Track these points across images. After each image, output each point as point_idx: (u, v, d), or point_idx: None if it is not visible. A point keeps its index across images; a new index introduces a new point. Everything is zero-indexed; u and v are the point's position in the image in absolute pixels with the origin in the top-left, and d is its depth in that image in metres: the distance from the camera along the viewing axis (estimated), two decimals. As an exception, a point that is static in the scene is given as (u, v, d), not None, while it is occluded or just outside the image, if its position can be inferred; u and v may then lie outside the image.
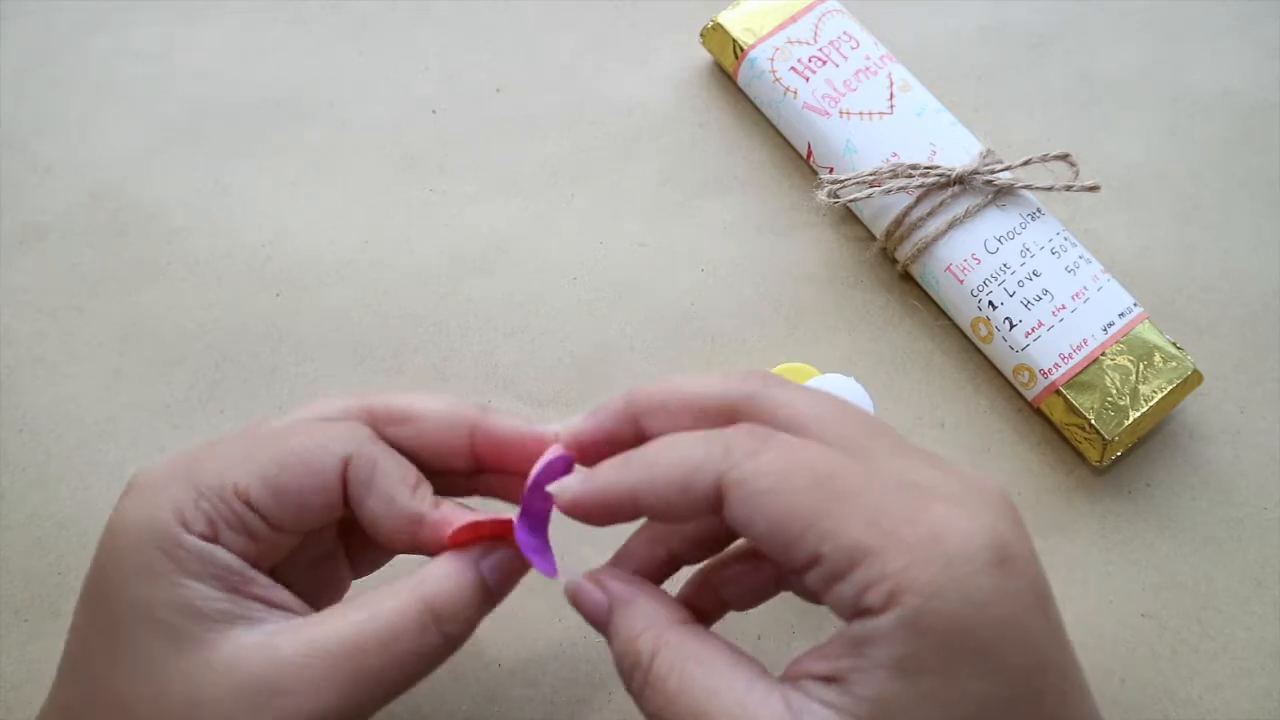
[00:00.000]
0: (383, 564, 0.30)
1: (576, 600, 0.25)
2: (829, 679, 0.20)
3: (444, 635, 0.23)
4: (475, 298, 0.42)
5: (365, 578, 0.30)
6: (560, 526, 0.26)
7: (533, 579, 0.26)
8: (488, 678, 0.35)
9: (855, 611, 0.20)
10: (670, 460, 0.22)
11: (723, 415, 0.23)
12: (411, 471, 0.25)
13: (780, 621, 0.36)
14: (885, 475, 0.21)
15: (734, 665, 0.21)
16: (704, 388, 0.24)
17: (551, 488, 0.24)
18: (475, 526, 0.25)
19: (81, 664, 0.23)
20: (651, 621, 0.23)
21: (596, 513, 0.23)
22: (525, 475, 0.25)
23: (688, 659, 0.22)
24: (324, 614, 0.23)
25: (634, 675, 0.22)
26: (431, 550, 0.25)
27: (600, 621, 0.24)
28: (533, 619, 0.36)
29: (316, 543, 0.27)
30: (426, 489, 0.25)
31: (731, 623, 0.36)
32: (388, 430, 0.26)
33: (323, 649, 0.22)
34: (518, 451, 0.26)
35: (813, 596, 0.22)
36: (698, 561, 0.27)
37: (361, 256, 0.42)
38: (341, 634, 0.22)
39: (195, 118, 0.45)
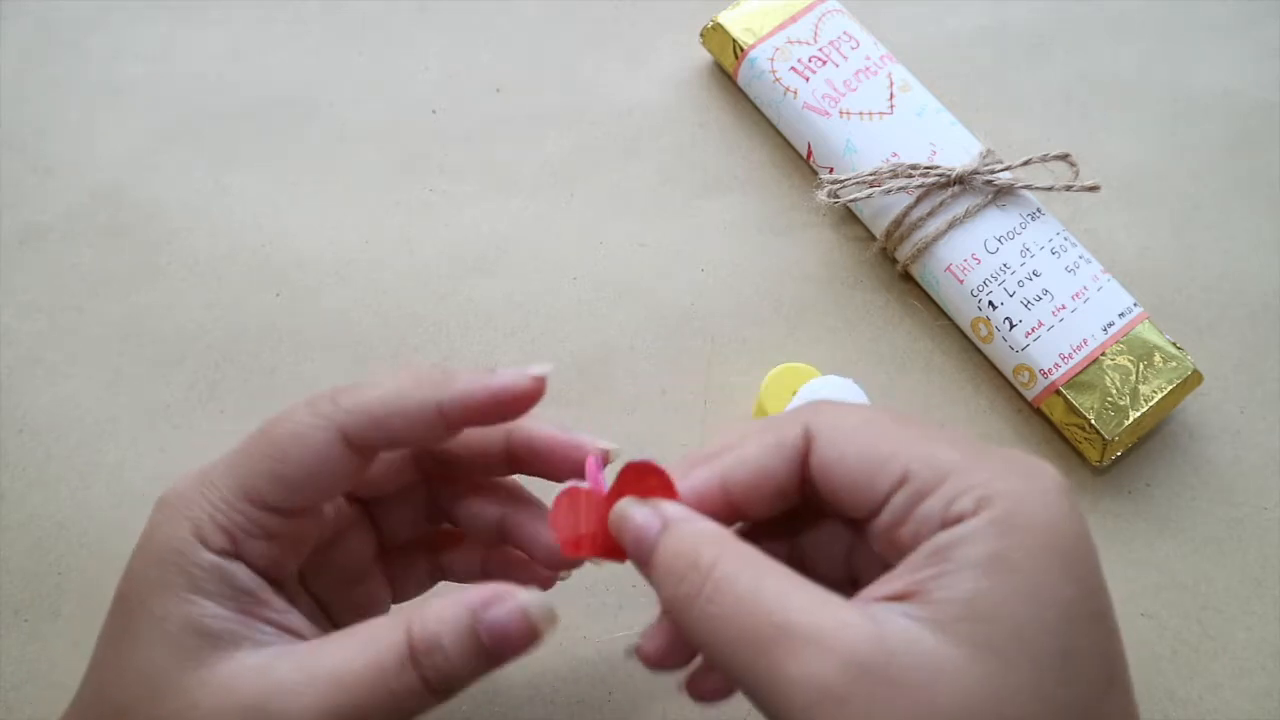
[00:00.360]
0: (427, 588, 0.30)
1: (623, 521, 0.23)
2: (901, 597, 0.20)
3: (423, 679, 0.22)
4: (475, 298, 0.42)
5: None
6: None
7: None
8: (488, 678, 0.35)
9: (942, 523, 0.20)
10: (754, 435, 0.23)
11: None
12: (389, 377, 0.24)
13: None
14: (959, 432, 0.23)
15: (802, 578, 0.20)
16: (762, 454, 0.23)
17: (645, 543, 0.23)
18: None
19: (95, 672, 0.24)
20: (714, 534, 0.22)
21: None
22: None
23: (759, 564, 0.21)
24: (324, 640, 0.23)
25: (688, 578, 0.21)
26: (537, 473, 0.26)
27: (648, 542, 0.22)
28: (533, 619, 0.36)
29: (352, 561, 0.27)
30: (433, 378, 0.24)
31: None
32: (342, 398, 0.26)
33: (313, 676, 0.22)
34: (556, 461, 0.26)
35: (885, 540, 0.22)
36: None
37: (361, 256, 0.42)
38: (333, 663, 0.22)
39: (195, 118, 0.45)
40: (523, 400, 0.24)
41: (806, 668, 0.18)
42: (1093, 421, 0.37)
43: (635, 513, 0.23)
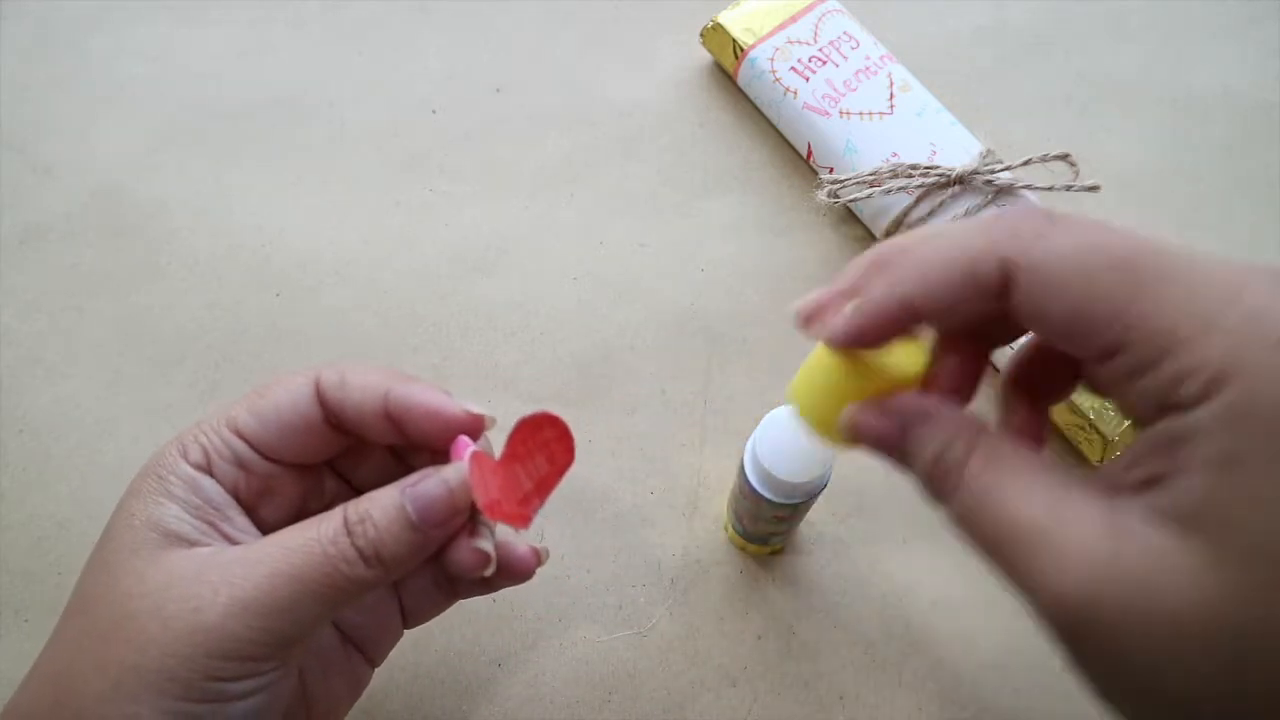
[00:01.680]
0: (437, 614, 0.31)
1: (860, 434, 0.22)
2: (1147, 482, 0.18)
3: (357, 548, 0.24)
4: (475, 298, 0.42)
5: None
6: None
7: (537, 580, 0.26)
8: (488, 678, 0.35)
9: (1166, 407, 0.18)
10: (946, 256, 0.20)
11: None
12: (381, 368, 0.27)
13: (779, 623, 0.36)
14: (1190, 252, 0.18)
15: (1049, 471, 0.20)
16: (946, 261, 0.21)
17: (820, 333, 0.22)
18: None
19: (78, 579, 0.25)
20: (957, 429, 0.21)
21: (872, 337, 0.22)
22: (436, 449, 0.27)
23: (1003, 462, 0.20)
24: (276, 532, 0.25)
25: (946, 479, 0.20)
26: (415, 433, 0.26)
27: (892, 443, 0.22)
28: (533, 619, 0.36)
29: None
30: (401, 373, 0.27)
31: (729, 623, 0.36)
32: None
33: (252, 550, 0.24)
34: (423, 417, 0.26)
35: (1110, 389, 0.20)
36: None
37: (361, 256, 0.42)
38: (273, 540, 0.24)
39: (195, 118, 0.45)
40: (453, 426, 0.26)
41: (1047, 571, 0.18)
42: (1093, 421, 0.37)
43: (867, 423, 0.22)
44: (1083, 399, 0.37)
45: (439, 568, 0.30)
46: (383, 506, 0.24)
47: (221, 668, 0.22)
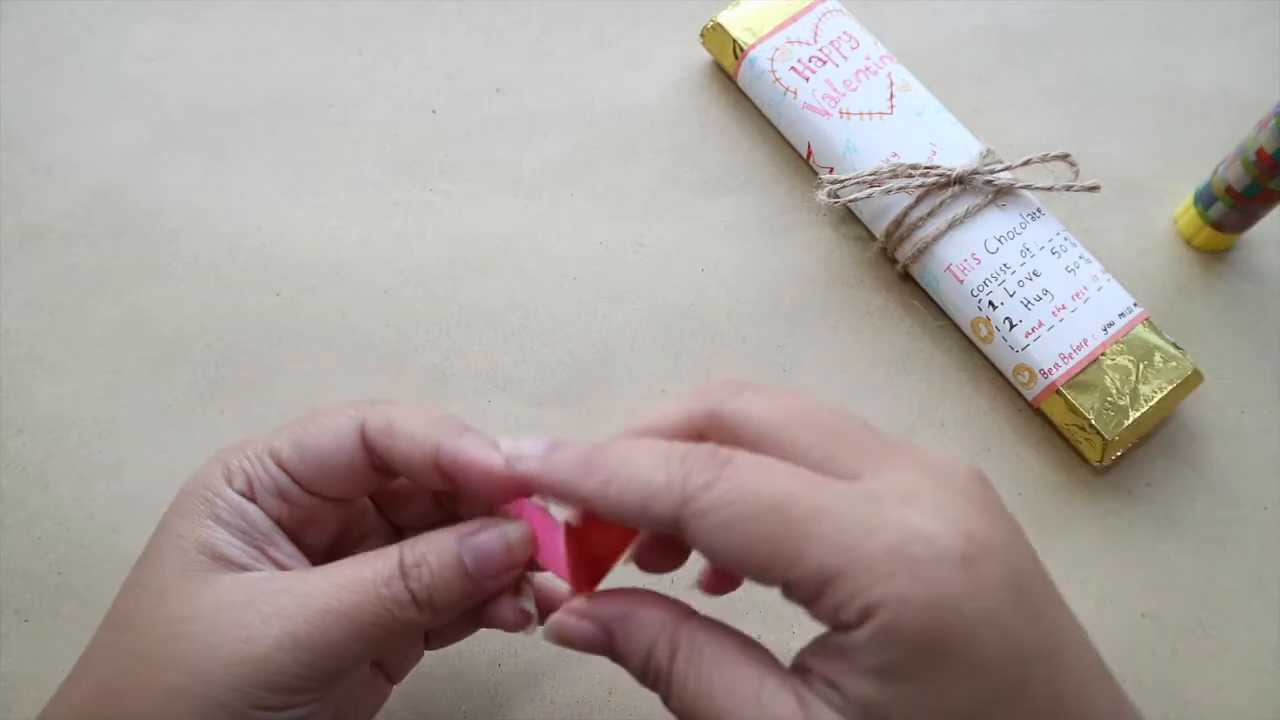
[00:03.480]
0: (461, 638, 0.31)
1: (566, 639, 0.24)
2: (828, 681, 0.21)
3: (410, 592, 0.24)
4: (475, 298, 0.42)
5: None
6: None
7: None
8: (488, 678, 0.35)
9: (834, 625, 0.21)
10: (627, 479, 0.22)
11: (692, 437, 0.24)
12: (428, 413, 0.26)
13: (781, 619, 0.36)
14: (847, 490, 0.21)
15: (747, 659, 0.22)
16: (669, 415, 0.24)
17: (510, 453, 0.24)
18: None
19: (118, 596, 0.26)
20: (660, 625, 0.23)
21: (557, 496, 0.24)
22: (483, 502, 0.26)
23: (703, 659, 0.22)
24: (328, 564, 0.25)
25: (658, 683, 0.23)
26: (465, 486, 0.25)
27: (602, 649, 0.24)
28: (533, 619, 0.36)
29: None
30: (452, 421, 0.26)
31: (728, 622, 0.36)
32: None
33: (304, 581, 0.24)
34: (477, 477, 0.25)
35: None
36: None
37: (361, 256, 0.42)
38: (325, 574, 0.24)
39: (195, 117, 0.45)
40: (507, 490, 0.25)
41: None
42: (1093, 421, 0.37)
43: (577, 630, 0.24)
44: (1083, 399, 0.37)
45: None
46: (439, 553, 0.24)
47: (267, 698, 0.22)
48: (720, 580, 0.28)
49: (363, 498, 0.28)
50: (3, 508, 0.37)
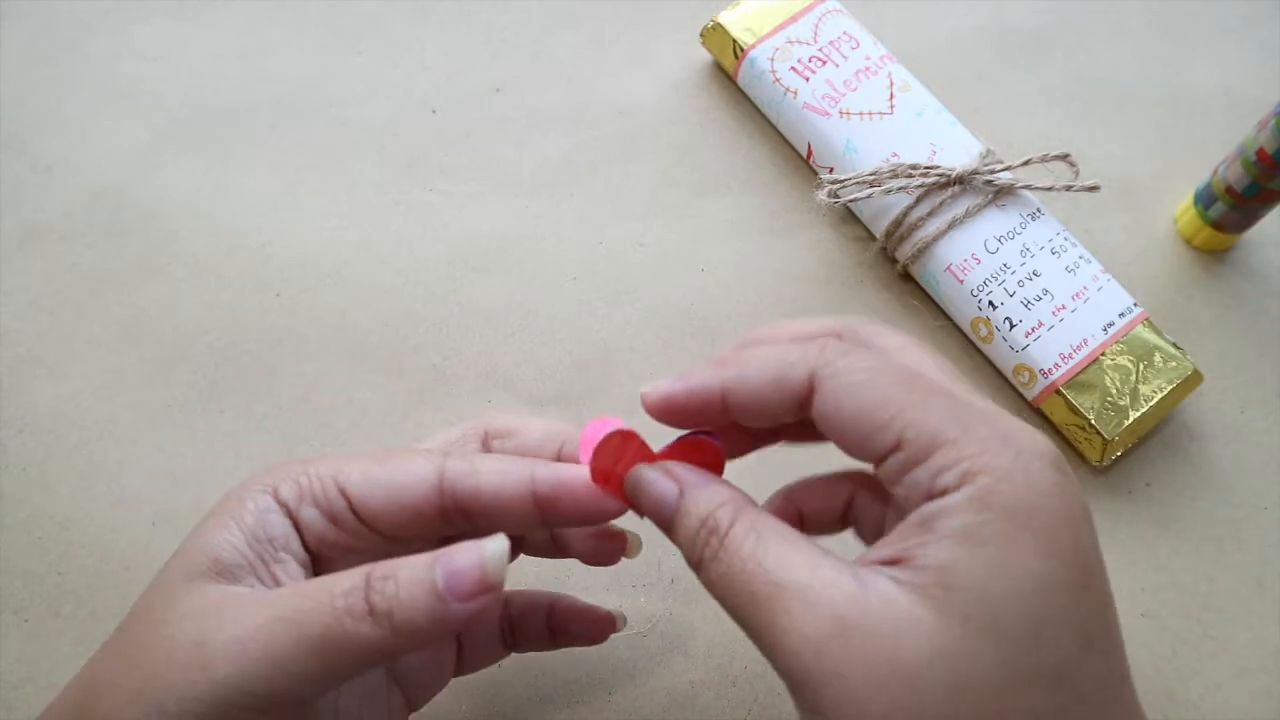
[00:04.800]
0: (490, 664, 0.31)
1: (639, 488, 0.24)
2: (892, 561, 0.21)
3: (369, 604, 0.22)
4: (475, 298, 0.42)
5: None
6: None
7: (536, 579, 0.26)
8: (488, 678, 0.35)
9: (929, 494, 0.21)
10: (764, 358, 0.24)
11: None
12: (511, 458, 0.26)
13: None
14: (963, 390, 0.23)
15: (807, 543, 0.22)
16: (798, 326, 0.25)
17: (643, 389, 0.25)
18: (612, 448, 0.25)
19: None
20: (730, 498, 0.24)
21: (687, 411, 0.25)
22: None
23: (764, 530, 0.22)
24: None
25: (708, 542, 0.23)
26: (562, 514, 0.25)
27: (667, 508, 0.24)
28: (533, 619, 0.36)
29: None
30: (535, 460, 0.26)
31: (729, 623, 0.36)
32: (495, 444, 0.28)
33: (272, 591, 0.23)
34: (577, 497, 0.26)
35: (888, 490, 0.23)
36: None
37: (361, 256, 0.42)
38: (297, 584, 0.24)
39: (195, 117, 0.45)
40: (600, 515, 0.25)
41: (794, 621, 0.21)
42: (1093, 421, 0.37)
43: (652, 478, 0.24)
44: (1083, 399, 0.37)
45: (506, 617, 0.31)
46: (410, 568, 0.23)
47: (207, 715, 0.21)
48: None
49: (416, 542, 0.27)
50: (3, 508, 0.37)
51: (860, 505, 0.27)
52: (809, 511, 0.28)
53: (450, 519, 0.25)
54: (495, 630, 0.31)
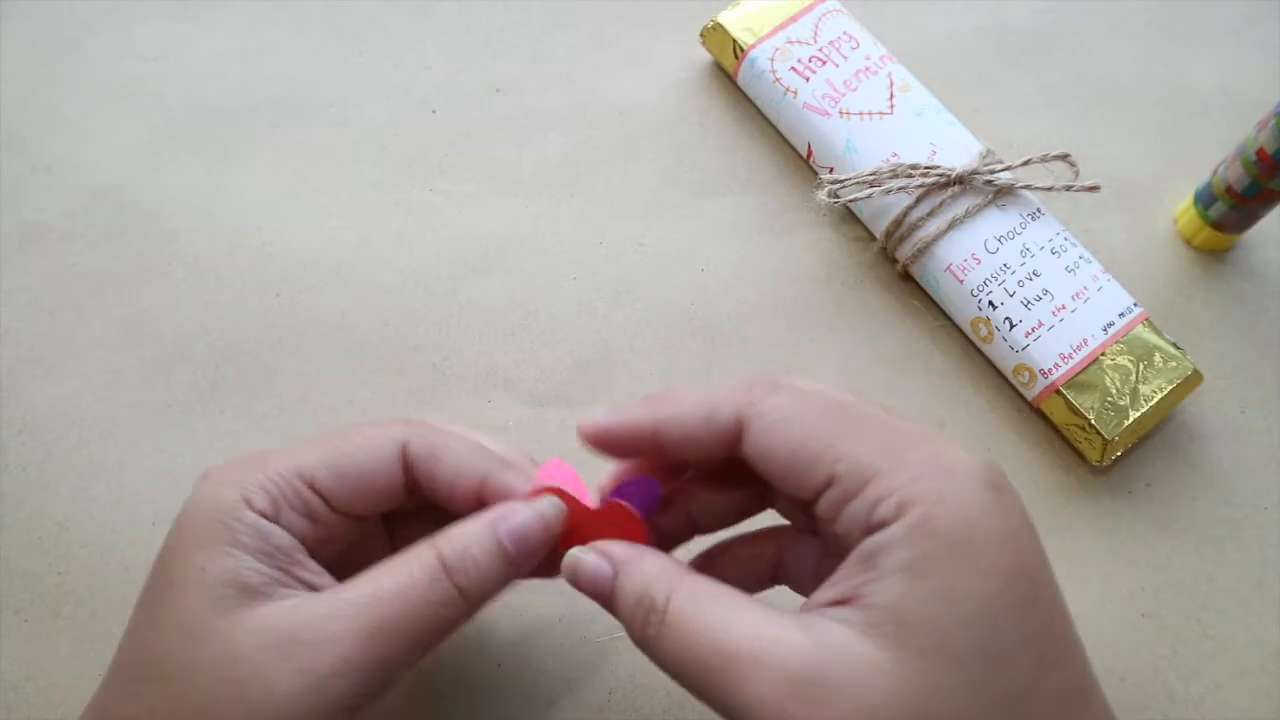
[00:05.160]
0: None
1: (577, 571, 0.25)
2: (840, 602, 0.21)
3: (457, 588, 0.24)
4: (475, 298, 0.42)
5: None
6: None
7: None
8: (488, 677, 0.35)
9: (867, 528, 0.21)
10: (694, 398, 0.24)
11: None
12: (471, 441, 0.27)
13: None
14: (888, 415, 0.23)
15: (749, 601, 0.22)
16: (693, 406, 0.25)
17: (581, 420, 0.25)
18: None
19: (133, 629, 0.25)
20: (663, 570, 0.24)
21: (620, 443, 0.25)
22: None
23: (704, 597, 0.22)
24: (354, 578, 0.24)
25: (649, 620, 0.23)
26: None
27: (604, 587, 0.24)
28: (533, 618, 0.36)
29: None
30: (491, 453, 0.27)
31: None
32: (419, 469, 0.27)
33: (344, 601, 0.23)
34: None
35: (824, 525, 0.23)
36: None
37: (361, 256, 0.42)
38: (362, 589, 0.24)
39: (195, 118, 0.45)
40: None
41: (752, 689, 0.20)
42: (1093, 421, 0.37)
43: (587, 560, 0.25)
44: (1083, 399, 0.37)
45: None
46: (481, 543, 0.24)
47: None
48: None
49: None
50: (3, 508, 0.37)
51: (790, 559, 0.27)
52: (734, 578, 0.27)
53: (413, 494, 0.26)
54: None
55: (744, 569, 0.28)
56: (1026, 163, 0.40)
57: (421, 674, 0.35)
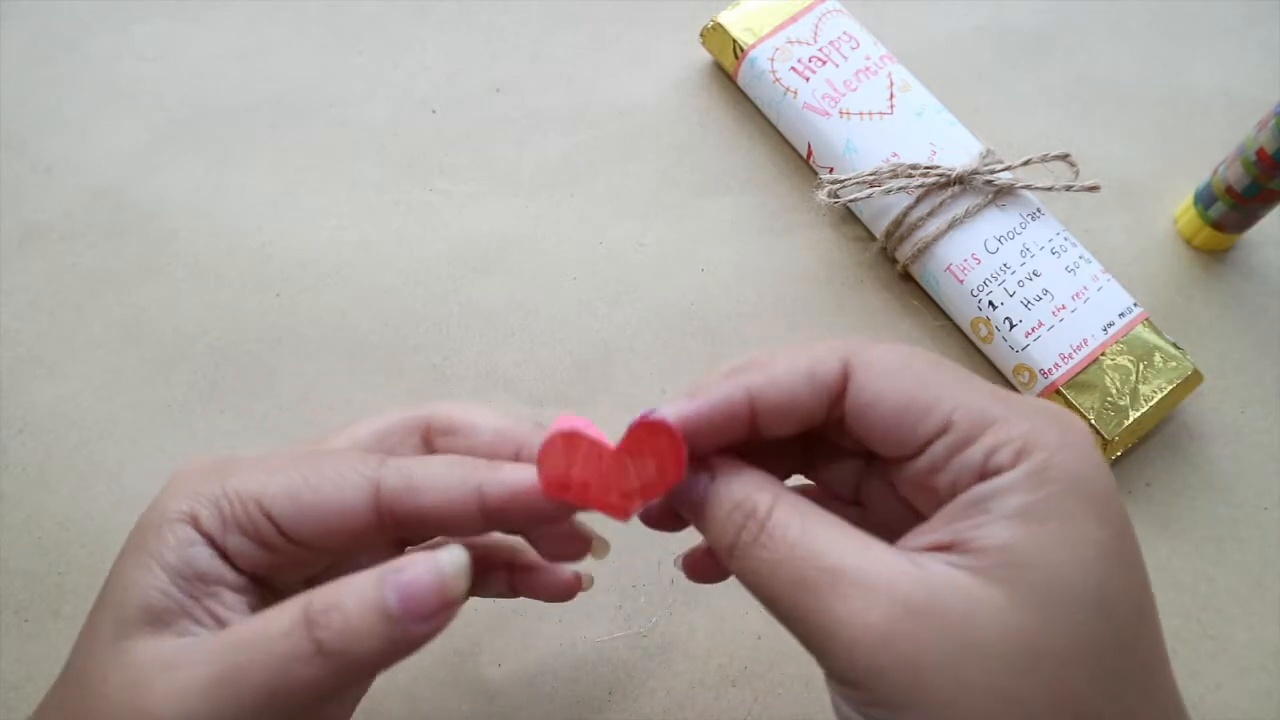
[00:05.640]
0: (502, 596, 0.29)
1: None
2: (942, 547, 0.21)
3: (315, 643, 0.20)
4: (475, 298, 0.42)
5: None
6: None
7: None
8: (488, 678, 0.35)
9: (981, 474, 0.21)
10: (788, 358, 0.22)
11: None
12: (448, 457, 0.24)
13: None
14: (985, 379, 0.23)
15: (852, 527, 0.21)
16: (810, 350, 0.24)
17: (660, 411, 0.22)
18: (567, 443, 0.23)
19: (78, 639, 0.24)
20: (766, 479, 0.22)
21: (710, 431, 0.22)
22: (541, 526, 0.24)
23: (809, 510, 0.21)
24: (246, 619, 0.22)
25: (746, 526, 0.21)
26: (517, 519, 0.23)
27: (697, 493, 0.23)
28: (533, 618, 0.36)
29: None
30: (474, 460, 0.24)
31: (729, 623, 0.36)
32: (440, 442, 0.26)
33: (204, 647, 0.21)
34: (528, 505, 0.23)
35: (918, 484, 0.22)
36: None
37: (361, 256, 0.42)
38: (230, 631, 0.21)
39: (196, 117, 0.45)
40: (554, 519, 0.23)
41: (853, 607, 0.19)
42: (1093, 422, 0.37)
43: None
44: (1083, 399, 0.37)
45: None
46: (357, 594, 0.20)
47: None
48: (707, 565, 0.26)
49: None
50: (3, 508, 0.37)
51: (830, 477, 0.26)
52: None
53: (390, 532, 0.23)
54: None
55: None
56: (1026, 163, 0.40)
57: (421, 674, 0.35)
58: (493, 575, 0.29)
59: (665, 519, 0.25)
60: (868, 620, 0.19)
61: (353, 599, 0.20)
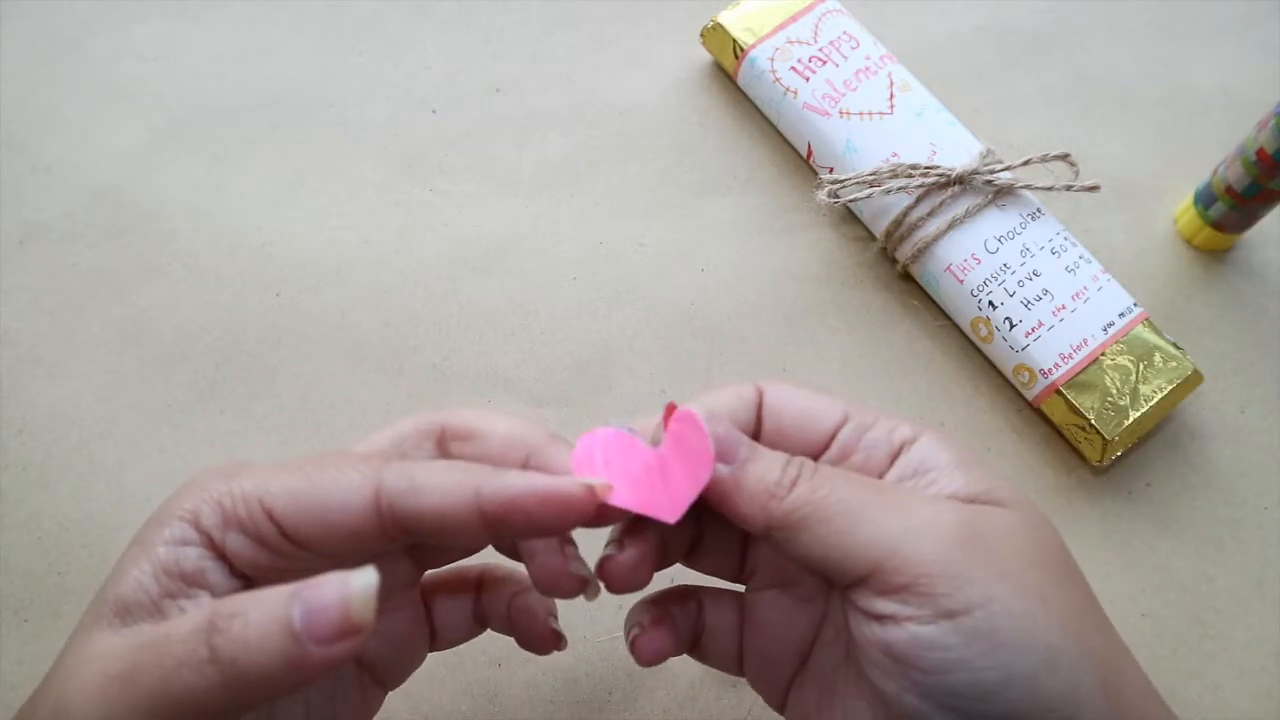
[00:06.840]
0: (467, 639, 0.29)
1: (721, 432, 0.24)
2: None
3: (210, 649, 0.19)
4: (475, 298, 0.42)
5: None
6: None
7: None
8: (488, 678, 0.35)
9: (890, 447, 0.25)
10: (715, 389, 0.26)
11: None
12: (456, 463, 0.23)
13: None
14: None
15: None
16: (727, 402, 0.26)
17: (684, 406, 0.24)
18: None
19: None
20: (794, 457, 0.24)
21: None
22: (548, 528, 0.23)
23: (849, 477, 0.23)
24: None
25: (795, 474, 0.23)
26: (517, 528, 0.22)
27: (739, 459, 0.23)
28: (533, 619, 0.36)
29: (393, 606, 0.27)
30: (481, 467, 0.23)
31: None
32: (453, 446, 0.25)
33: (122, 643, 0.21)
34: (540, 511, 0.22)
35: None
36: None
37: (361, 256, 0.42)
38: (139, 633, 0.21)
39: (195, 117, 0.45)
40: (572, 513, 0.22)
41: (923, 516, 0.22)
42: (1093, 421, 0.37)
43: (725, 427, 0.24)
44: (1083, 399, 0.37)
45: (477, 595, 0.29)
46: (265, 604, 0.19)
47: None
48: (659, 639, 0.27)
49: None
50: (3, 508, 0.37)
51: (712, 617, 0.28)
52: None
53: (393, 536, 0.23)
54: (469, 609, 0.28)
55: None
56: (1026, 163, 0.40)
57: (421, 674, 0.35)
58: (495, 610, 0.28)
59: (640, 571, 0.25)
60: (942, 524, 0.22)
61: (258, 610, 0.19)
